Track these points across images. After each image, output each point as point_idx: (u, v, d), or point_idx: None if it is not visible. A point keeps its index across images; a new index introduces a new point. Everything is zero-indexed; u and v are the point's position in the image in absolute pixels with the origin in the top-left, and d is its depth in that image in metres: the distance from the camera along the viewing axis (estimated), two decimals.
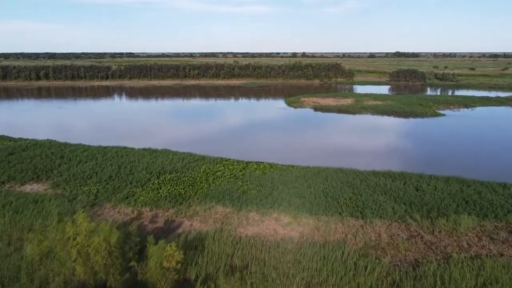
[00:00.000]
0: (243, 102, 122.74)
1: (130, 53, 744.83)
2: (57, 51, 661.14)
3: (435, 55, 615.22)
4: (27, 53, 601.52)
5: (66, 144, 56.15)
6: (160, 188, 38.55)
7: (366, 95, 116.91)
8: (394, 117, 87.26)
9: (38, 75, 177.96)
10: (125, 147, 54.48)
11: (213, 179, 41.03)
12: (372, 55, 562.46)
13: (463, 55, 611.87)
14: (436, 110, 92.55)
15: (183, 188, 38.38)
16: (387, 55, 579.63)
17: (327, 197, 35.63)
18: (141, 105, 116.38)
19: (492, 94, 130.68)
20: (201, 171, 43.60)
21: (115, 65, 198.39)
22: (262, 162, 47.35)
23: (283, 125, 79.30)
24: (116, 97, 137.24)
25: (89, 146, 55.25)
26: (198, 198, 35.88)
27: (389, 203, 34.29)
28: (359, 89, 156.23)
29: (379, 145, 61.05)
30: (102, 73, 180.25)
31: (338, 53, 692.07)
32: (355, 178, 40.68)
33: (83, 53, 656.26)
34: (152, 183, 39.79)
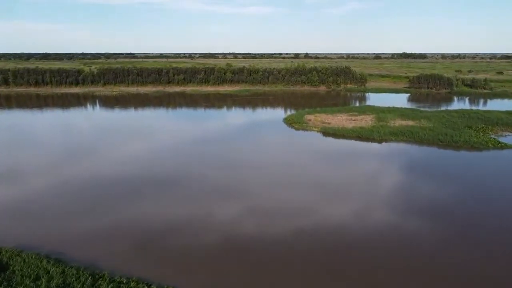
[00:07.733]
0: (228, 117, 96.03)
1: (130, 53, 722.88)
2: (58, 52, 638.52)
3: (444, 56, 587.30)
4: (22, 54, 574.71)
5: None
6: None
7: (389, 110, 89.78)
8: (439, 148, 60.98)
9: None
10: None
11: None
12: (378, 56, 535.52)
13: (472, 56, 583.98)
14: (495, 137, 66.35)
15: None
16: (393, 56, 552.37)
17: None
18: (100, 123, 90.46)
19: None
20: None
21: (92, 67, 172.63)
22: None
23: (272, 176, 53.02)
24: (79, 109, 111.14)
25: None
26: None
27: None
28: (373, 98, 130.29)
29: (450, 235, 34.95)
30: (71, 78, 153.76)
31: (342, 53, 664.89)
32: None
33: (82, 54, 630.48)
34: None
